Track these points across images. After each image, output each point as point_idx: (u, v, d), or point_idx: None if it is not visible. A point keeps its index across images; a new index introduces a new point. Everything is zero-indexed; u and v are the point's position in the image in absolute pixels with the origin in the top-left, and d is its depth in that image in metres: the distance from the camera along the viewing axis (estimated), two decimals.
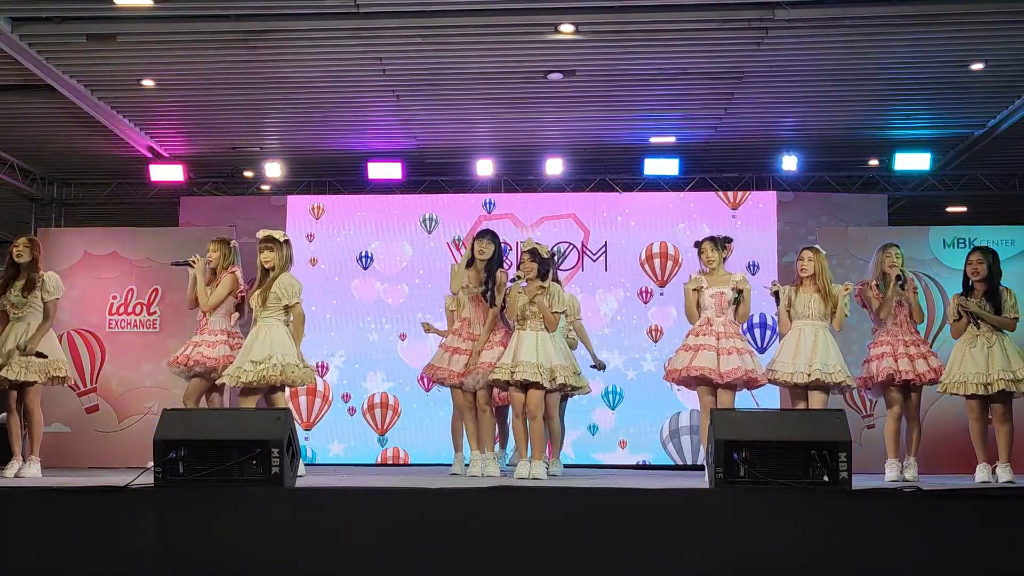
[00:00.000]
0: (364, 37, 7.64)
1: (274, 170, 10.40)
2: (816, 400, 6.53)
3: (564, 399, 7.23)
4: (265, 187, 10.96)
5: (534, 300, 6.37)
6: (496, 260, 6.73)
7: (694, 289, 6.63)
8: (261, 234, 6.70)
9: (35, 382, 6.61)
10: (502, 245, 6.99)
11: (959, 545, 3.81)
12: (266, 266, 6.59)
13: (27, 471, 6.56)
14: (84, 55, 7.90)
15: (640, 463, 9.72)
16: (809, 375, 6.46)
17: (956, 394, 6.58)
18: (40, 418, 6.71)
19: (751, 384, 6.68)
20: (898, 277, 6.71)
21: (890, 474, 6.62)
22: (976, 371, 6.44)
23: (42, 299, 6.66)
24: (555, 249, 6.79)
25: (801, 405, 6.53)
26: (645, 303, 10.00)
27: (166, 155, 10.36)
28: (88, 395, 9.72)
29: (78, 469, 8.57)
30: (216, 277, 6.99)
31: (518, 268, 6.54)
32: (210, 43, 7.74)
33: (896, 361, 6.67)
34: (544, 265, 6.45)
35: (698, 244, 6.88)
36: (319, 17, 7.41)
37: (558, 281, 6.83)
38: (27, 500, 4.32)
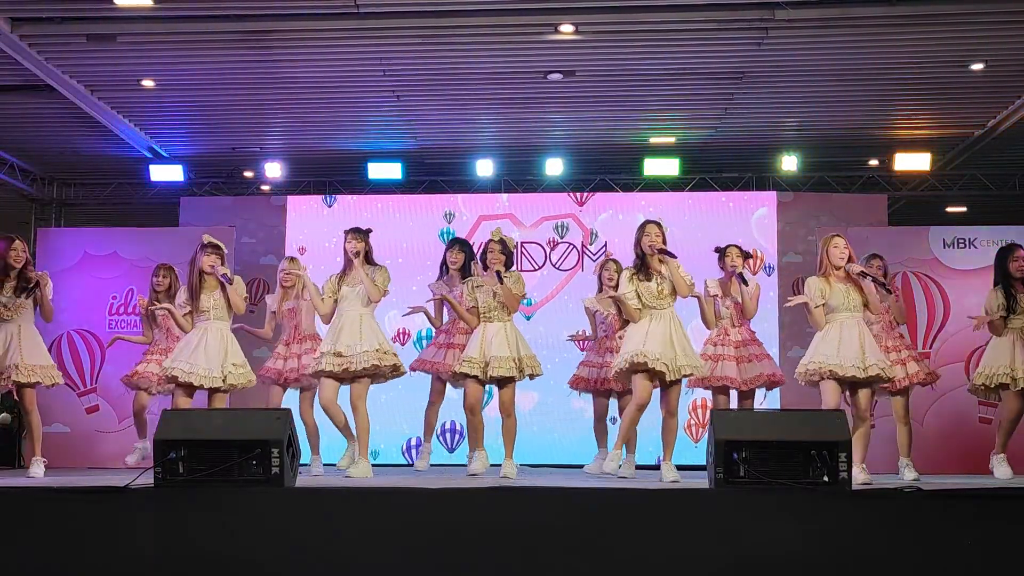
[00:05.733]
0: (364, 37, 7.64)
1: (274, 170, 10.39)
2: (864, 397, 6.11)
3: None
4: (265, 187, 10.96)
5: (496, 288, 6.41)
6: (467, 266, 6.97)
7: (712, 296, 6.67)
8: (207, 239, 6.72)
9: (38, 384, 6.65)
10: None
11: (959, 545, 3.81)
12: (209, 270, 6.57)
13: (36, 471, 6.58)
14: (84, 55, 7.89)
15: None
16: (865, 369, 5.96)
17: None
18: (39, 419, 6.74)
19: (772, 386, 6.75)
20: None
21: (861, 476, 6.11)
22: None
23: (34, 300, 6.72)
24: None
25: (834, 400, 5.99)
26: None
27: (166, 155, 10.36)
28: (88, 395, 9.72)
29: (78, 469, 8.58)
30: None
31: (482, 259, 6.58)
32: (210, 43, 7.73)
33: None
34: (510, 257, 6.57)
35: (721, 249, 6.92)
36: (319, 17, 7.40)
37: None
38: (27, 500, 4.32)
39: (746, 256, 6.95)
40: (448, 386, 7.14)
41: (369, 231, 6.67)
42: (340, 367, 6.34)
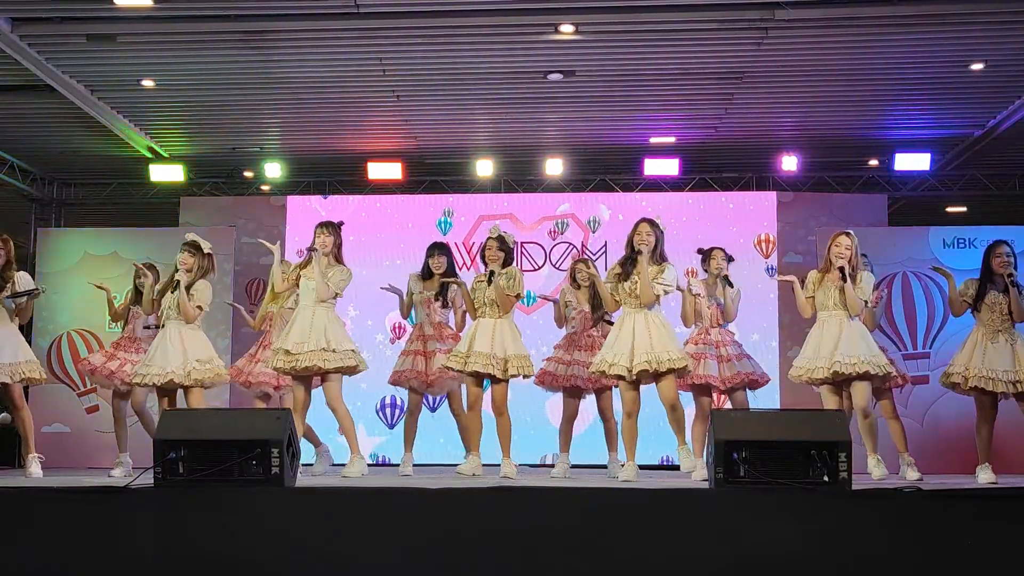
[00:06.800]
0: (364, 37, 7.64)
1: (274, 170, 10.40)
2: (858, 391, 6.07)
3: None
4: (265, 187, 10.96)
5: (489, 285, 6.39)
6: (450, 271, 6.97)
7: (695, 295, 6.70)
8: (189, 236, 6.72)
9: (7, 383, 6.58)
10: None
11: (959, 545, 3.81)
12: (184, 267, 6.57)
13: (34, 470, 6.56)
14: (84, 55, 7.90)
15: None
16: (829, 368, 6.03)
17: (981, 389, 6.33)
18: (29, 416, 6.71)
19: (753, 385, 6.80)
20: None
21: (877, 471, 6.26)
22: (1004, 368, 6.28)
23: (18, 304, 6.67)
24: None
25: (830, 403, 6.10)
26: None
27: (166, 155, 10.36)
28: (88, 395, 9.71)
29: (78, 469, 8.58)
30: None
31: (482, 256, 6.56)
32: (210, 43, 7.74)
33: None
34: (509, 254, 6.54)
35: (706, 251, 6.96)
36: (319, 17, 7.41)
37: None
38: (27, 500, 4.32)
39: (730, 259, 7.00)
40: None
41: (341, 224, 6.66)
42: (289, 365, 6.34)
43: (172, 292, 6.56)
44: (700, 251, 7.09)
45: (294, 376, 6.45)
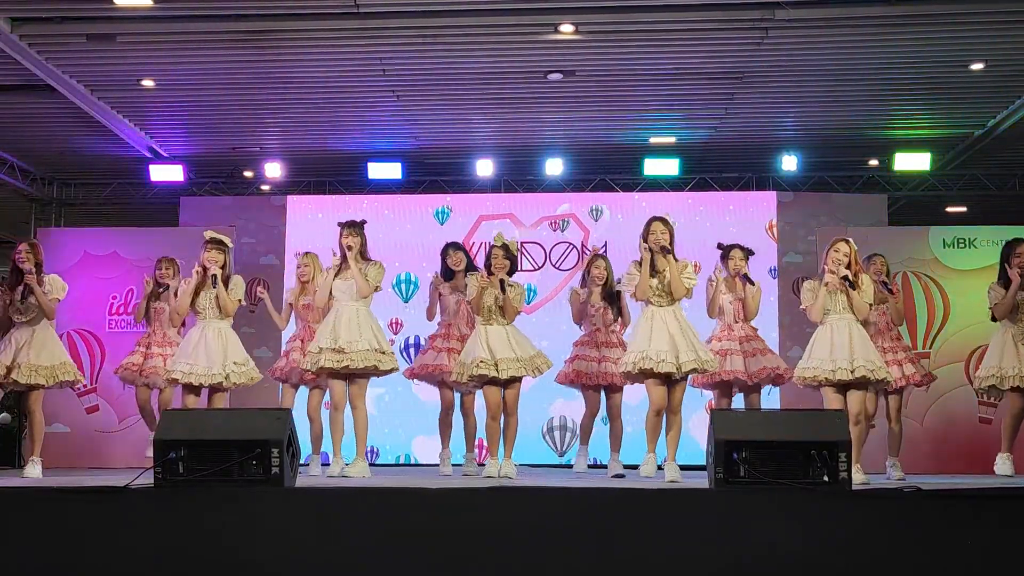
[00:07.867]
0: (364, 37, 7.64)
1: (274, 170, 10.40)
2: (854, 399, 6.01)
3: None
4: (265, 187, 10.97)
5: (499, 294, 6.37)
6: (469, 266, 7.00)
7: (722, 278, 6.74)
8: (209, 235, 6.66)
9: (41, 385, 6.61)
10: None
11: (959, 545, 3.81)
12: (216, 264, 6.51)
13: (29, 472, 6.56)
14: (84, 55, 7.90)
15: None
16: (852, 371, 5.92)
17: (1019, 389, 6.36)
18: (41, 420, 6.72)
19: (777, 381, 6.75)
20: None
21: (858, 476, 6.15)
22: None
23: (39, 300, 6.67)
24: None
25: (836, 405, 6.00)
26: None
27: (166, 155, 10.36)
28: (88, 395, 9.71)
29: (78, 469, 8.58)
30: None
31: (486, 264, 6.54)
32: (210, 43, 7.74)
33: None
34: (514, 263, 6.54)
35: (726, 247, 6.92)
36: (319, 17, 7.40)
37: None
38: (27, 500, 4.32)
39: (748, 254, 6.93)
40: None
41: (363, 223, 6.65)
42: (340, 364, 6.28)
43: (208, 290, 6.49)
44: (720, 246, 7.02)
45: (334, 375, 6.40)
